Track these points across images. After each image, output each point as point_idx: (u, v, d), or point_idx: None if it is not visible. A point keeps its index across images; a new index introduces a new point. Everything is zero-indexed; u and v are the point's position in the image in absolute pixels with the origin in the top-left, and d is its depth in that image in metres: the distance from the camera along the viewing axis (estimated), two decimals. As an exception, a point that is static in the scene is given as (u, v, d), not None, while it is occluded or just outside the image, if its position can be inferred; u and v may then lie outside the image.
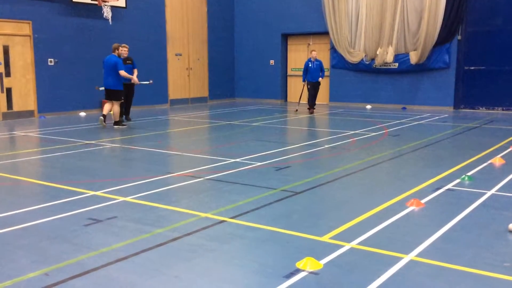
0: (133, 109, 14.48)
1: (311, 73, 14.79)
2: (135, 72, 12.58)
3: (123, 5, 15.33)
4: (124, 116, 12.79)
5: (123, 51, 12.18)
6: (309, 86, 14.98)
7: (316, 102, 15.44)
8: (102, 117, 11.64)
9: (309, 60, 14.91)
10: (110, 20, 14.85)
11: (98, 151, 8.80)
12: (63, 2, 14.17)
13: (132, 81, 12.25)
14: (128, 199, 5.62)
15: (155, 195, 5.81)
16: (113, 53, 11.75)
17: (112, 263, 3.84)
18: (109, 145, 9.32)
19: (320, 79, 14.88)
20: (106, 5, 14.66)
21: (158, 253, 4.06)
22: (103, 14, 14.69)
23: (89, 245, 4.20)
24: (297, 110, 15.59)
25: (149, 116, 14.15)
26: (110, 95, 11.79)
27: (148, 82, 13.04)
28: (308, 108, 15.18)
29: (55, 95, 14.34)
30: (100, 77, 15.31)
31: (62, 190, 6.06)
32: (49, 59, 14.12)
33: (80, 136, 10.32)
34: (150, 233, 4.51)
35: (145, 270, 3.72)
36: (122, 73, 11.55)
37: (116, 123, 11.86)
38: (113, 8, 14.95)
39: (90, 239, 4.38)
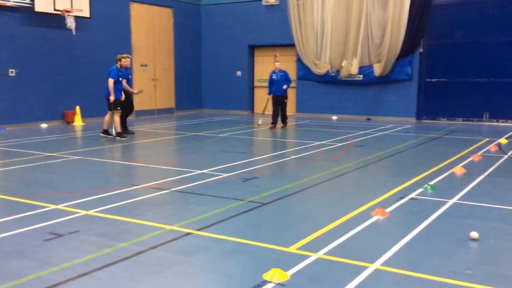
0: (97, 121, 14.25)
1: (276, 85, 13.99)
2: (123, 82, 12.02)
3: (87, 15, 15.10)
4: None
5: (126, 62, 11.84)
6: (273, 101, 14.12)
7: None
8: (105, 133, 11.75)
9: (273, 72, 14.17)
10: (73, 31, 14.58)
11: (59, 163, 8.58)
12: (25, 12, 13.86)
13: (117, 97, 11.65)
14: (90, 212, 5.49)
15: (119, 208, 5.69)
16: (116, 64, 11.56)
17: (74, 278, 3.73)
18: (71, 157, 9.11)
19: (285, 87, 13.81)
20: (69, 15, 14.40)
21: (123, 267, 3.97)
22: (66, 24, 14.43)
23: (50, 261, 4.07)
24: (259, 124, 14.51)
25: (113, 127, 13.91)
26: (107, 104, 11.67)
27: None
28: (271, 123, 14.04)
29: (16, 106, 13.96)
30: (65, 88, 15.13)
31: (22, 204, 5.87)
32: (10, 70, 13.75)
33: (42, 148, 10.05)
34: (114, 247, 4.40)
35: (109, 286, 3.63)
36: (109, 81, 11.29)
37: (117, 134, 11.66)
38: (77, 18, 14.68)
39: (51, 254, 4.24)
